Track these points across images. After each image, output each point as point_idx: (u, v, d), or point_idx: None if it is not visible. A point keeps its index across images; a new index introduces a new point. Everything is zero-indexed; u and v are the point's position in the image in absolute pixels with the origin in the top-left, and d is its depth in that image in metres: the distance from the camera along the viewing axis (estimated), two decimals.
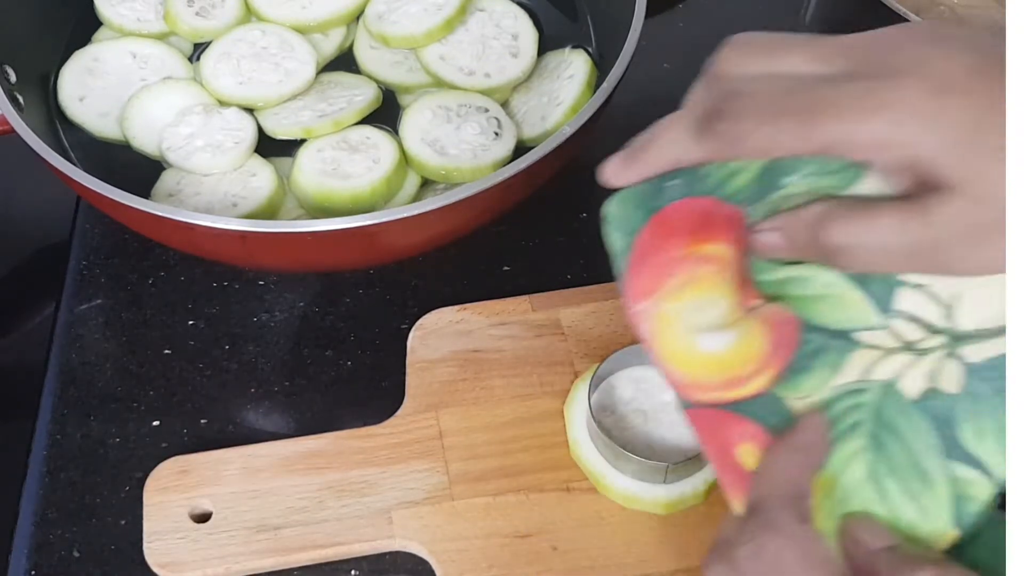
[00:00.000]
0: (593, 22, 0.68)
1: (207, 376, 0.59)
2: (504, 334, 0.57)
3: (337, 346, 0.60)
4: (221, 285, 0.62)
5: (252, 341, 0.60)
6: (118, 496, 0.54)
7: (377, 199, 0.58)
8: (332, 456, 0.53)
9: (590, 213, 0.66)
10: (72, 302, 0.62)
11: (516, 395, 0.55)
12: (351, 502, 0.51)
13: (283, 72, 0.63)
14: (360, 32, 0.66)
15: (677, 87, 0.76)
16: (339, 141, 0.60)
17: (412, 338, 0.57)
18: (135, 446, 0.56)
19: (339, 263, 0.59)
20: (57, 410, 0.57)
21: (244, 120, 0.61)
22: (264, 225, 0.50)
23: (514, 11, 0.67)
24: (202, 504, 0.51)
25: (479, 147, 0.60)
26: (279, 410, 0.58)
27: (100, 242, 0.64)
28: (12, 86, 0.60)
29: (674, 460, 0.50)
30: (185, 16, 0.65)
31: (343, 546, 0.50)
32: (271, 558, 0.50)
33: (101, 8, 0.67)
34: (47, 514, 0.54)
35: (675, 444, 0.52)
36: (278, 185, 0.59)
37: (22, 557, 0.52)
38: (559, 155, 0.53)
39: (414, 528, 0.50)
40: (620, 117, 0.63)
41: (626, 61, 0.56)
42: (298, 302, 0.62)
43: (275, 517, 0.51)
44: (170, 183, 0.59)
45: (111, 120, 0.63)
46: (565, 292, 0.59)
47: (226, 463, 0.52)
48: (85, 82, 0.64)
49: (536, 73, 0.65)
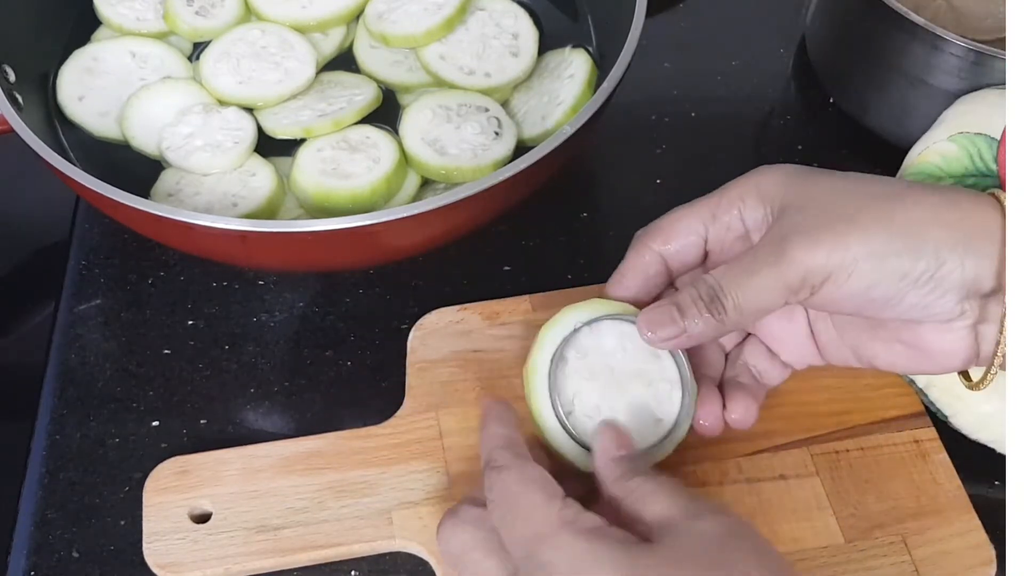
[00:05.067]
0: (594, 21, 0.68)
1: (207, 376, 0.59)
2: (504, 334, 0.57)
3: (337, 346, 0.60)
4: (221, 285, 0.62)
5: (252, 341, 0.60)
6: (117, 496, 0.54)
7: (377, 199, 0.58)
8: (332, 456, 0.53)
9: (590, 213, 0.67)
10: (71, 302, 0.62)
11: (516, 395, 0.54)
12: (351, 502, 0.51)
13: (283, 71, 0.63)
14: (360, 31, 0.66)
15: (677, 87, 0.77)
16: (339, 141, 0.60)
17: (412, 338, 0.57)
18: (134, 446, 0.56)
19: (339, 263, 0.59)
20: (56, 410, 0.57)
21: (244, 120, 0.61)
22: (264, 225, 0.50)
23: (514, 10, 0.67)
24: (202, 504, 0.51)
25: (479, 147, 0.60)
26: (279, 410, 0.58)
27: (100, 242, 0.64)
28: (11, 85, 0.60)
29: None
30: (185, 15, 0.65)
31: (343, 547, 0.50)
32: (271, 559, 0.50)
33: (100, 7, 0.67)
34: (46, 514, 0.54)
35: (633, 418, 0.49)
36: (278, 185, 0.59)
37: (21, 557, 0.52)
38: (559, 155, 0.53)
39: (414, 528, 0.50)
40: (620, 117, 0.63)
41: (626, 61, 0.56)
42: (298, 302, 0.62)
43: (275, 518, 0.51)
44: (170, 183, 0.59)
45: (110, 120, 0.63)
46: (565, 292, 0.59)
47: (226, 463, 0.52)
48: (84, 81, 0.64)
49: (536, 73, 0.65)
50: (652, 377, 0.48)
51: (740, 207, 0.46)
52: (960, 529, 0.50)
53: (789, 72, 0.76)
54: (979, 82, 0.60)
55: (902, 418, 0.54)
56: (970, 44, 0.59)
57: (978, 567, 0.49)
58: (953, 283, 0.42)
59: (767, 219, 0.45)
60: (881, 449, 0.53)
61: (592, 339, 0.49)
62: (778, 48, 0.77)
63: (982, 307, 0.43)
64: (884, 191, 0.44)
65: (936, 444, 0.53)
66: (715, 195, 0.47)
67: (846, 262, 0.42)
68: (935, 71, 0.62)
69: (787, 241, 0.42)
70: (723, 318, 0.44)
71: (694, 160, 0.69)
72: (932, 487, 0.52)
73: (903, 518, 0.51)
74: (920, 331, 0.44)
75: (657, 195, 0.65)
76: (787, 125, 0.73)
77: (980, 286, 0.42)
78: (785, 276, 0.42)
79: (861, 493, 0.51)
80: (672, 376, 0.48)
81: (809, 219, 0.43)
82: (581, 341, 0.49)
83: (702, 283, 0.44)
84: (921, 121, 0.59)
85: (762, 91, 0.74)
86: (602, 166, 0.69)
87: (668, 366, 0.48)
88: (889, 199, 0.43)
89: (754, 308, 0.43)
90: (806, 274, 0.42)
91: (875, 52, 0.65)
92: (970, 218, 0.42)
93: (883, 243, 0.42)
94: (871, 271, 0.42)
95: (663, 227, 0.48)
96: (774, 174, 0.46)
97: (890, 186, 0.44)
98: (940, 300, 0.42)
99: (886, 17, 0.62)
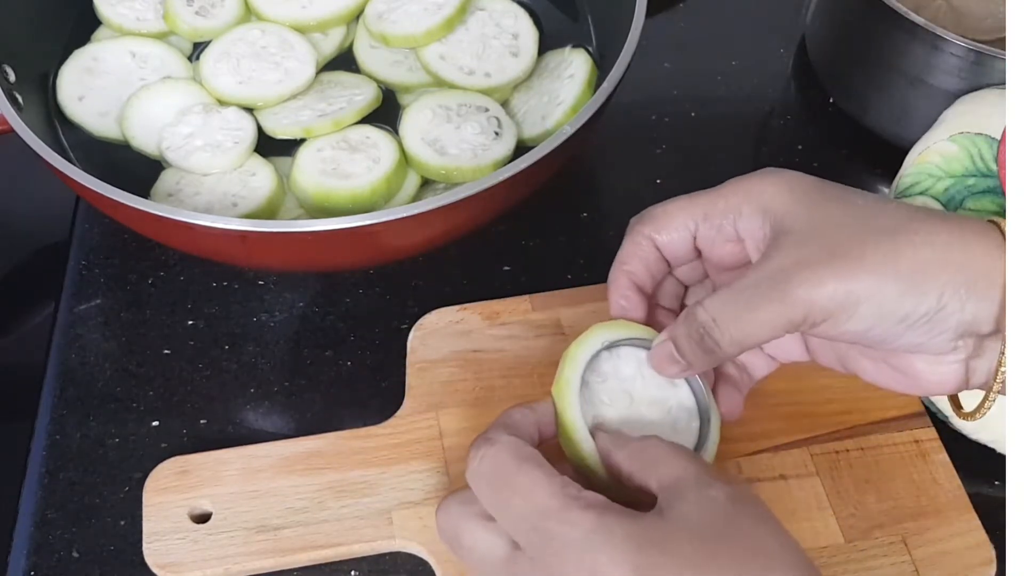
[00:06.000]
0: (593, 21, 0.68)
1: (207, 376, 0.59)
2: (504, 334, 0.57)
3: (337, 346, 0.60)
4: (221, 285, 0.62)
5: (252, 341, 0.60)
6: (117, 496, 0.54)
7: (377, 199, 0.58)
8: (332, 456, 0.53)
9: (590, 213, 0.67)
10: (71, 302, 0.62)
11: (516, 395, 0.54)
12: (351, 502, 0.51)
13: (283, 71, 0.63)
14: (360, 31, 0.66)
15: (677, 87, 0.77)
16: (339, 141, 0.60)
17: (412, 338, 0.57)
18: (134, 446, 0.56)
19: (339, 263, 0.59)
20: (56, 410, 0.57)
21: (244, 119, 0.61)
22: (264, 225, 0.50)
23: (514, 10, 0.67)
24: (202, 504, 0.51)
25: (479, 147, 0.60)
26: (279, 410, 0.58)
27: (99, 242, 0.64)
28: (11, 85, 0.60)
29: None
30: (185, 15, 0.65)
31: (343, 547, 0.50)
32: (271, 559, 0.50)
33: (100, 7, 0.67)
34: (46, 514, 0.54)
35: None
36: (278, 185, 0.59)
37: (21, 557, 0.52)
38: (559, 155, 0.53)
39: (414, 528, 0.50)
40: (620, 117, 0.63)
41: (626, 61, 0.56)
42: (298, 302, 0.62)
43: (275, 518, 0.51)
44: (170, 183, 0.59)
45: (110, 119, 0.63)
46: (565, 292, 0.59)
47: (226, 463, 0.52)
48: (84, 81, 0.64)
49: (536, 72, 0.65)
50: (670, 404, 0.48)
51: (735, 216, 0.45)
52: (960, 529, 0.50)
53: (789, 72, 0.76)
54: (979, 82, 0.60)
55: (902, 418, 0.54)
56: (970, 44, 0.59)
57: (978, 567, 0.49)
58: (950, 324, 0.41)
59: (764, 232, 0.44)
60: (881, 449, 0.53)
61: (611, 364, 0.48)
62: (778, 48, 0.77)
63: (977, 344, 0.42)
64: (892, 225, 0.42)
65: (936, 444, 0.53)
66: (712, 194, 0.46)
67: (848, 305, 0.41)
68: (935, 71, 0.62)
69: (790, 278, 0.41)
70: (720, 354, 0.44)
71: (694, 160, 0.69)
72: (932, 487, 0.52)
73: (903, 518, 0.51)
74: (910, 359, 0.44)
75: (657, 195, 0.64)
76: (787, 125, 0.73)
77: (978, 328, 0.41)
78: (787, 314, 0.41)
79: (861, 493, 0.51)
80: (690, 404, 0.48)
81: (813, 253, 0.42)
82: (601, 366, 0.48)
83: (695, 320, 0.44)
84: (921, 121, 0.59)
85: (762, 91, 0.74)
86: (602, 166, 0.69)
87: (685, 395, 0.48)
88: (896, 236, 0.41)
89: (753, 342, 0.43)
90: (807, 314, 0.41)
91: (875, 52, 0.65)
92: (977, 261, 0.41)
93: (888, 287, 0.41)
94: (872, 314, 0.41)
95: (656, 215, 0.47)
96: (776, 186, 0.44)
97: (898, 218, 0.42)
98: (935, 339, 0.42)
99: (886, 17, 0.62)
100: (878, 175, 0.69)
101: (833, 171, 0.69)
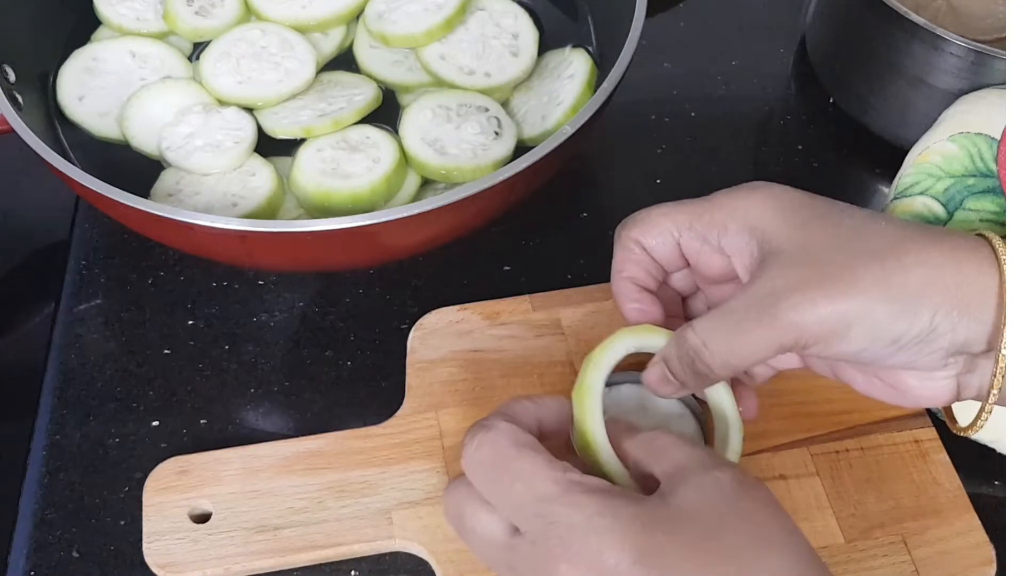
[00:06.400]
0: (594, 21, 0.68)
1: (207, 376, 0.59)
2: (504, 334, 0.57)
3: (337, 346, 0.60)
4: (221, 285, 0.62)
5: (252, 341, 0.60)
6: (117, 496, 0.54)
7: (377, 199, 0.58)
8: (332, 456, 0.53)
9: (590, 213, 0.67)
10: (71, 302, 0.62)
11: (516, 395, 0.54)
12: (351, 502, 0.51)
13: (283, 71, 0.63)
14: (360, 31, 0.66)
15: (677, 87, 0.77)
16: (339, 141, 0.60)
17: (412, 338, 0.57)
18: (134, 446, 0.56)
19: (339, 263, 0.59)
20: (56, 410, 0.57)
21: (244, 119, 0.61)
22: (264, 225, 0.50)
23: (514, 10, 0.67)
24: (202, 504, 0.51)
25: (479, 147, 0.60)
26: (279, 410, 0.58)
27: (99, 242, 0.64)
28: (11, 85, 0.60)
29: None
30: (185, 15, 0.65)
31: (343, 546, 0.50)
32: (271, 559, 0.50)
33: (100, 7, 0.67)
34: (46, 514, 0.54)
35: None
36: (278, 185, 0.59)
37: (21, 557, 0.52)
38: (559, 155, 0.53)
39: (414, 528, 0.50)
40: (620, 117, 0.63)
41: (626, 61, 0.56)
42: (298, 302, 0.62)
43: (275, 517, 0.51)
44: (170, 183, 0.59)
45: (110, 119, 0.63)
46: (565, 292, 0.59)
47: (226, 463, 0.52)
48: (84, 81, 0.64)
49: (536, 72, 0.65)
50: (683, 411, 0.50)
51: (720, 232, 0.44)
52: (960, 529, 0.50)
53: (789, 72, 0.76)
54: (979, 82, 0.60)
55: (902, 418, 0.54)
56: (970, 44, 0.59)
57: (978, 567, 0.49)
58: (942, 345, 0.41)
59: (751, 251, 0.44)
60: (881, 449, 0.53)
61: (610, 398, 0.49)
62: (778, 48, 0.77)
63: (968, 361, 0.42)
64: (883, 246, 0.41)
65: (936, 444, 0.53)
66: (698, 205, 0.46)
67: (839, 328, 0.41)
68: (935, 71, 0.62)
69: (779, 301, 0.41)
70: (713, 377, 0.44)
71: (694, 160, 0.69)
72: (932, 487, 0.52)
73: (903, 518, 0.51)
74: (901, 375, 0.44)
75: (657, 195, 0.64)
76: (787, 125, 0.73)
77: (970, 348, 0.41)
78: (778, 338, 0.41)
79: (861, 493, 0.51)
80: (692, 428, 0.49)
81: (803, 276, 0.41)
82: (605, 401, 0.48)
83: (686, 343, 0.43)
84: (921, 121, 0.59)
85: (762, 91, 0.74)
86: (602, 166, 0.69)
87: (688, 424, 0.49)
88: (886, 258, 0.41)
89: (745, 365, 0.43)
90: (798, 337, 0.41)
91: (875, 52, 0.65)
92: (969, 282, 0.41)
93: (879, 310, 0.40)
94: (864, 337, 0.41)
95: (639, 220, 0.47)
96: (763, 204, 0.44)
97: (888, 239, 0.42)
98: (926, 357, 0.42)
99: (886, 17, 0.62)
100: (878, 175, 0.69)
101: (833, 171, 0.70)
